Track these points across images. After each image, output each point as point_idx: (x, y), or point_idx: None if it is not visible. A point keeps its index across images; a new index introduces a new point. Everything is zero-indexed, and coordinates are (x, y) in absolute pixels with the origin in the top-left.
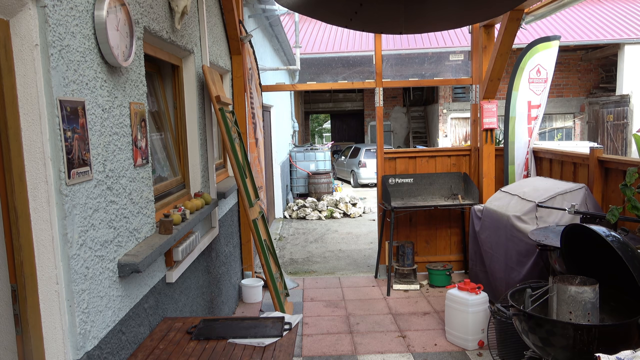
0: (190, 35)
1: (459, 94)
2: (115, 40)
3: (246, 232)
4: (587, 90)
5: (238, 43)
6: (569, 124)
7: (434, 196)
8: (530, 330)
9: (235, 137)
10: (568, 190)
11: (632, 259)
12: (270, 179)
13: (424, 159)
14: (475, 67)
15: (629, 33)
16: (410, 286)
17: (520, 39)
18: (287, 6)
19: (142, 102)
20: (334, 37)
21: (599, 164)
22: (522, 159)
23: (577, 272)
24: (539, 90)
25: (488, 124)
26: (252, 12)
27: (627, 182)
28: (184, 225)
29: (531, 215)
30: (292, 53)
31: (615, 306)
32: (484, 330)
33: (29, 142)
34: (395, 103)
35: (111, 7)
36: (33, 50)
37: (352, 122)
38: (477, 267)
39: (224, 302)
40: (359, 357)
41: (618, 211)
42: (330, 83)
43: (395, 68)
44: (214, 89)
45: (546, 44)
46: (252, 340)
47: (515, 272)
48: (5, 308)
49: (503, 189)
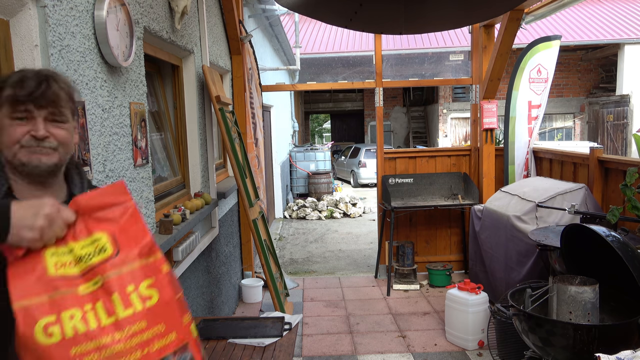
0: (190, 35)
1: (459, 94)
2: (115, 40)
3: (246, 232)
4: (587, 90)
5: (238, 43)
6: (569, 124)
7: (434, 196)
8: (530, 330)
9: (235, 137)
10: (568, 190)
11: (632, 259)
12: (270, 179)
13: (424, 159)
14: (475, 67)
15: (629, 33)
16: (410, 286)
17: (520, 39)
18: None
19: (142, 102)
20: (334, 37)
21: (599, 164)
22: (522, 159)
23: (577, 272)
24: (539, 90)
25: (488, 124)
26: (252, 12)
27: (627, 182)
28: (184, 225)
29: (531, 215)
30: (292, 53)
31: (615, 306)
32: (484, 330)
33: None
34: (395, 103)
35: (111, 7)
36: (33, 50)
37: (352, 122)
38: (477, 267)
39: (224, 302)
40: (359, 357)
41: (618, 211)
42: (330, 83)
43: (395, 68)
44: (214, 89)
45: (547, 43)
46: (252, 340)
47: (515, 272)
48: None
49: (503, 189)
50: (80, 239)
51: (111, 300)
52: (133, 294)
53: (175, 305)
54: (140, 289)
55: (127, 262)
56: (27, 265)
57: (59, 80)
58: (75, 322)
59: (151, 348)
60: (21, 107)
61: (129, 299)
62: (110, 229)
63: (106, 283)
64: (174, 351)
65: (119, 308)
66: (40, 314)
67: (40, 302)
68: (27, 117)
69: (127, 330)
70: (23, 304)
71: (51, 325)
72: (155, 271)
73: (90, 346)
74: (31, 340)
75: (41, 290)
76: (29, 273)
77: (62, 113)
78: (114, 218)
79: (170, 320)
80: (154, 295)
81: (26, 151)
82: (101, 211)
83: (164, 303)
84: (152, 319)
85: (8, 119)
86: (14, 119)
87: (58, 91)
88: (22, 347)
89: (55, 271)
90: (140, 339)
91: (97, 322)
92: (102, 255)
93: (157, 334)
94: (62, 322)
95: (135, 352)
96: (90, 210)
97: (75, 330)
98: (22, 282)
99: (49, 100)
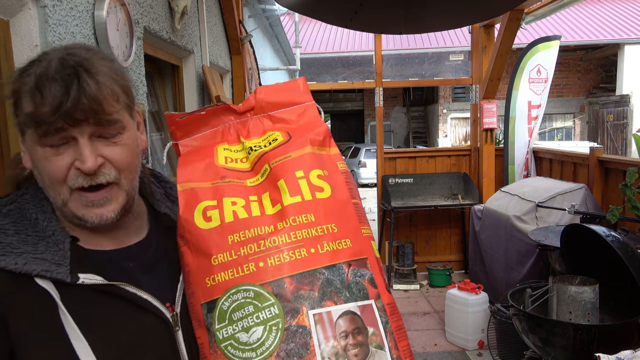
0: (190, 35)
1: (459, 94)
2: (115, 40)
3: None
4: (587, 90)
5: (238, 43)
6: (569, 124)
7: (434, 196)
8: (530, 330)
9: None
10: (568, 190)
11: (632, 259)
12: None
13: (424, 159)
14: (475, 67)
15: (629, 33)
16: (410, 286)
17: (520, 39)
18: (287, 6)
19: (142, 102)
20: (334, 37)
21: (599, 164)
22: (522, 159)
23: (577, 272)
24: (539, 90)
25: (488, 124)
26: (252, 12)
27: (627, 182)
28: None
29: (531, 215)
30: (292, 53)
31: (615, 306)
32: (484, 330)
33: None
34: (395, 103)
35: (111, 7)
36: (33, 50)
37: (352, 122)
38: (477, 267)
39: None
40: None
41: (618, 211)
42: (330, 83)
43: (395, 68)
44: (214, 89)
45: (547, 43)
46: None
47: (515, 272)
48: None
49: (503, 189)
50: (252, 137)
51: (277, 188)
52: (302, 180)
53: (352, 209)
54: (311, 177)
55: (297, 147)
56: (197, 155)
57: (96, 71)
58: (237, 209)
59: (319, 248)
60: (50, 128)
61: (297, 185)
62: (285, 129)
63: (273, 169)
64: (348, 261)
65: (285, 195)
66: (202, 197)
67: (204, 187)
68: (65, 138)
69: (291, 220)
70: (186, 185)
71: (211, 208)
72: (329, 165)
73: (249, 234)
74: (189, 224)
75: (207, 177)
76: (198, 161)
77: (114, 120)
78: (291, 120)
79: (344, 223)
80: (326, 188)
81: (78, 202)
82: (279, 110)
83: (338, 201)
84: (322, 214)
85: (39, 146)
86: (46, 145)
87: (97, 93)
88: (182, 232)
89: (224, 163)
90: (306, 233)
91: (260, 211)
92: (273, 145)
93: (328, 233)
94: (223, 206)
95: (300, 249)
96: (268, 107)
97: (236, 216)
98: (189, 167)
99: (88, 110)
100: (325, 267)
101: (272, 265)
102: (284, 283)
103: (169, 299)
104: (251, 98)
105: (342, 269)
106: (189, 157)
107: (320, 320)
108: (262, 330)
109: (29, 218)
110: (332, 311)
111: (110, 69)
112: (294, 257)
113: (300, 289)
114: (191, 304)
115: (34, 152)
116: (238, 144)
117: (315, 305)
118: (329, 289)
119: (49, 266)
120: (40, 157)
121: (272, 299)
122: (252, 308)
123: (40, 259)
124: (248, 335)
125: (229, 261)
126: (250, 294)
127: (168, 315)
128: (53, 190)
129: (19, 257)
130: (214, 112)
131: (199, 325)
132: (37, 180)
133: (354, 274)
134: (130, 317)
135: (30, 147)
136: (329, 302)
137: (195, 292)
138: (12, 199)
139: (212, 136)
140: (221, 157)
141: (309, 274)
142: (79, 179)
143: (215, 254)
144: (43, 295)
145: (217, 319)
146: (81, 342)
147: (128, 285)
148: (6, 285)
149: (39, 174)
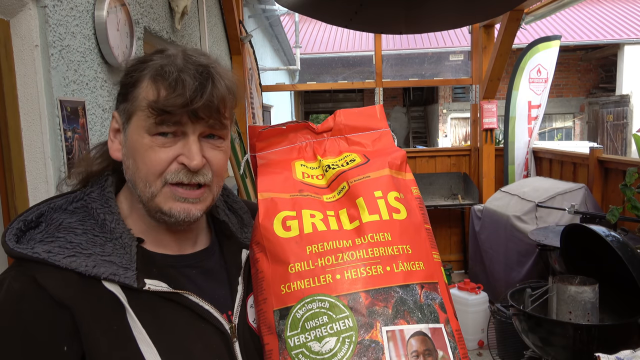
0: (190, 35)
1: (459, 94)
2: (116, 41)
3: None
4: (587, 90)
5: (238, 43)
6: (569, 124)
7: (433, 196)
8: (530, 330)
9: (235, 137)
10: (568, 190)
11: (632, 259)
12: None
13: (423, 159)
14: (475, 67)
15: (629, 33)
16: None
17: (520, 39)
18: (287, 6)
19: None
20: (334, 37)
21: (599, 164)
22: (522, 159)
23: (577, 272)
24: (539, 90)
25: (488, 124)
26: (252, 12)
27: (627, 182)
28: None
29: (531, 215)
30: (292, 53)
31: (615, 306)
32: (484, 330)
33: (29, 142)
34: (395, 103)
35: (111, 7)
36: (33, 50)
37: None
38: (477, 267)
39: None
40: None
41: (618, 211)
42: (330, 83)
43: (395, 68)
44: None
45: (547, 43)
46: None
47: (515, 272)
48: None
49: (503, 189)
50: (328, 156)
51: (355, 205)
52: (380, 199)
53: (425, 233)
54: (388, 198)
55: (376, 169)
56: (276, 167)
57: (225, 75)
58: (315, 221)
59: (394, 267)
60: (170, 119)
61: (375, 204)
62: (362, 151)
63: (352, 187)
64: (421, 283)
65: (363, 212)
66: (281, 207)
67: (284, 198)
68: (176, 132)
69: (369, 236)
70: (266, 195)
71: (290, 219)
72: (404, 189)
73: (327, 247)
74: (268, 231)
75: (286, 189)
76: (277, 173)
77: (224, 125)
78: (366, 144)
79: (418, 245)
80: (402, 210)
81: (169, 196)
82: (356, 133)
83: (413, 224)
84: (398, 234)
85: (147, 134)
86: (156, 134)
87: (225, 95)
88: (259, 238)
89: (302, 178)
90: (383, 251)
91: (338, 225)
92: (351, 165)
93: (403, 253)
94: (302, 218)
95: (377, 266)
96: (346, 130)
97: (315, 228)
98: (268, 178)
99: (214, 110)
100: (400, 286)
101: (349, 279)
102: (360, 297)
103: (228, 309)
104: (330, 120)
105: (415, 289)
106: (268, 168)
107: (393, 338)
108: (335, 341)
109: (96, 217)
110: (405, 330)
111: (231, 77)
112: (371, 272)
113: (375, 305)
114: (262, 310)
115: (139, 140)
116: (314, 161)
117: (389, 322)
118: (402, 307)
119: (117, 269)
120: (145, 146)
121: (347, 312)
122: (327, 318)
123: (108, 261)
124: (320, 345)
125: (306, 271)
126: (326, 305)
127: (227, 327)
128: (144, 182)
129: (89, 258)
130: (294, 128)
131: (269, 332)
132: (125, 171)
133: (426, 296)
134: (192, 325)
135: (132, 135)
136: (402, 321)
137: (269, 299)
138: (79, 196)
139: (289, 151)
140: (299, 172)
141: (384, 290)
142: (180, 174)
143: (293, 263)
144: (111, 298)
145: (290, 327)
146: (149, 347)
147: (192, 295)
148: (78, 287)
149: (134, 163)
